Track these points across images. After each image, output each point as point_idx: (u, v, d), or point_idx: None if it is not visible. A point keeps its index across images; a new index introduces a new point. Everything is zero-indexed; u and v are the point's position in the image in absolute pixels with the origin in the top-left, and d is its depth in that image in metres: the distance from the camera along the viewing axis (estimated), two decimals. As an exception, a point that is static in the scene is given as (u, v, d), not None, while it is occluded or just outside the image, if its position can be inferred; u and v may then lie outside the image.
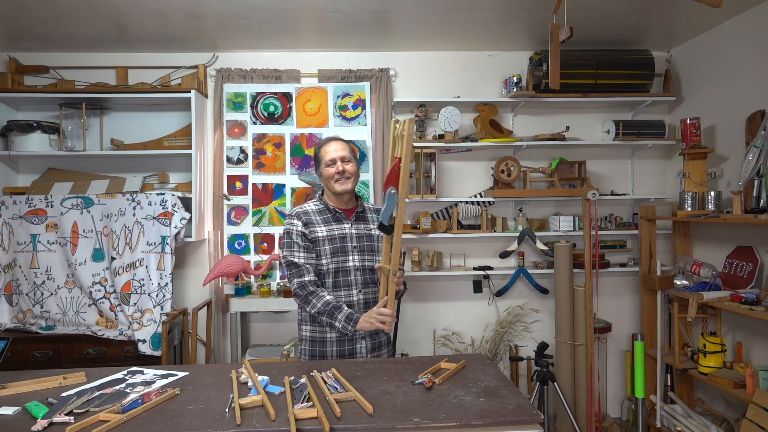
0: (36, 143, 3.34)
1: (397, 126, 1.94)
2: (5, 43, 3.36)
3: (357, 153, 2.24)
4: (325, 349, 2.07)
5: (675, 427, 3.08)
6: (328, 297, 2.03)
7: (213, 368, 1.88)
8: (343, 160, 2.10)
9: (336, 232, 2.11)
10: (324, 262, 2.08)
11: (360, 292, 2.10)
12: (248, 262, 3.36)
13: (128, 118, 3.59)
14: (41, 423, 1.31)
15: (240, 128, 3.53)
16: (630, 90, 3.57)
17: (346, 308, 2.01)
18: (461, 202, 3.65)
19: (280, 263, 3.49)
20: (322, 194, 2.20)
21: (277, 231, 3.52)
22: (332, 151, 2.11)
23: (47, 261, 3.20)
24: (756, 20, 2.99)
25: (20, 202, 3.19)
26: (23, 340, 2.99)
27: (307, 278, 2.04)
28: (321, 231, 2.10)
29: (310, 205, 2.17)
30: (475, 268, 3.65)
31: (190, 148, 3.37)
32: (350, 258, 2.10)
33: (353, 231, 2.13)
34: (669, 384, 3.35)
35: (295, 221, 2.10)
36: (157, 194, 3.20)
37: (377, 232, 2.12)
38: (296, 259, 2.06)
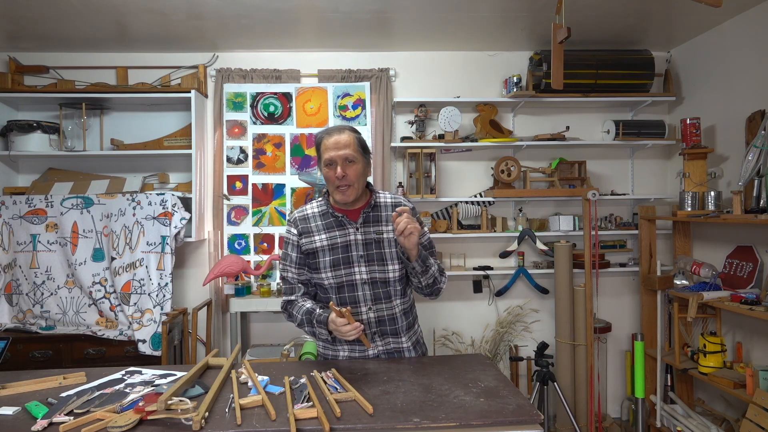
0: (36, 143, 3.34)
1: None
2: (5, 43, 3.36)
3: (365, 146, 1.88)
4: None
5: (675, 427, 3.08)
6: (308, 305, 1.79)
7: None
8: (345, 160, 1.74)
9: (339, 240, 1.79)
10: (324, 276, 1.79)
11: (370, 309, 1.80)
12: (248, 262, 3.36)
13: (128, 118, 3.59)
14: (41, 423, 1.30)
15: (240, 128, 3.53)
16: (630, 90, 3.57)
17: (318, 310, 1.75)
18: (461, 202, 3.65)
19: (280, 263, 3.49)
20: (328, 192, 1.87)
21: (277, 231, 3.52)
22: (331, 147, 1.75)
23: (47, 261, 3.20)
24: (756, 20, 2.99)
25: (20, 202, 3.19)
26: (23, 340, 2.99)
27: (293, 297, 1.85)
28: (320, 239, 1.80)
29: (313, 208, 1.86)
30: (475, 268, 3.64)
31: (190, 148, 3.37)
32: (356, 270, 1.78)
33: (359, 237, 1.79)
34: (669, 384, 3.35)
35: (292, 230, 1.84)
36: (157, 194, 3.20)
37: (389, 234, 1.80)
38: (288, 275, 1.86)
